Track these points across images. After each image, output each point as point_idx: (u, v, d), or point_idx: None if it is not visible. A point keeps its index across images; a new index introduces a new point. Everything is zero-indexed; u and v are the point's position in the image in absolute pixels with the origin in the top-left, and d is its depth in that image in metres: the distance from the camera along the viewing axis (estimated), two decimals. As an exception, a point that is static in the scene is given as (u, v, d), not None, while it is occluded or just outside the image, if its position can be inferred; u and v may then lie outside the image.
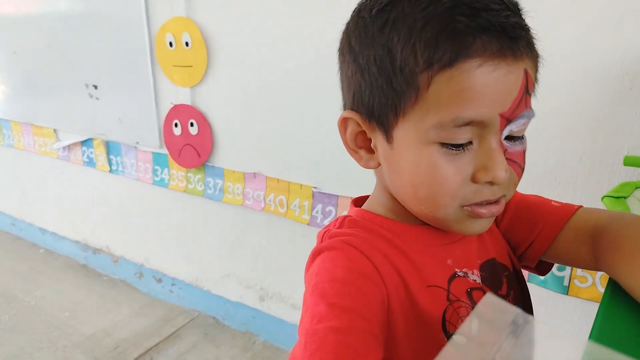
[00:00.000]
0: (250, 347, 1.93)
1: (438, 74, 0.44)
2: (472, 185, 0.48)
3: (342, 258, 0.50)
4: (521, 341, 0.27)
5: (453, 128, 0.45)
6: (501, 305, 0.28)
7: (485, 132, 0.46)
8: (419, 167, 0.48)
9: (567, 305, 1.28)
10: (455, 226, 0.51)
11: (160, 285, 2.24)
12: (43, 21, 2.11)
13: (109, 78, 1.99)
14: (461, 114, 0.44)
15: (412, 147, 0.48)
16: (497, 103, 0.45)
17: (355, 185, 1.53)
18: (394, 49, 0.46)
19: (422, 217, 0.53)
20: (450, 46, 0.44)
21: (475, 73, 0.44)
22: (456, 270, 0.56)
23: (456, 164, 0.47)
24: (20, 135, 2.50)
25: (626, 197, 0.77)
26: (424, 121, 0.46)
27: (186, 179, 1.92)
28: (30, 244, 2.77)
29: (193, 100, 1.78)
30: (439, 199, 0.49)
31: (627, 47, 1.05)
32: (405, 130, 0.48)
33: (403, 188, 0.52)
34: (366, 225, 0.56)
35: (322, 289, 0.47)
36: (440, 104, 0.45)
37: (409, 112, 0.47)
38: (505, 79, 0.45)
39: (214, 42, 1.65)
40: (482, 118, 0.45)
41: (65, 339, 1.97)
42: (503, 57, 0.44)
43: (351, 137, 0.54)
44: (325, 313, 0.44)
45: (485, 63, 0.44)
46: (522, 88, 0.46)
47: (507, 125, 0.47)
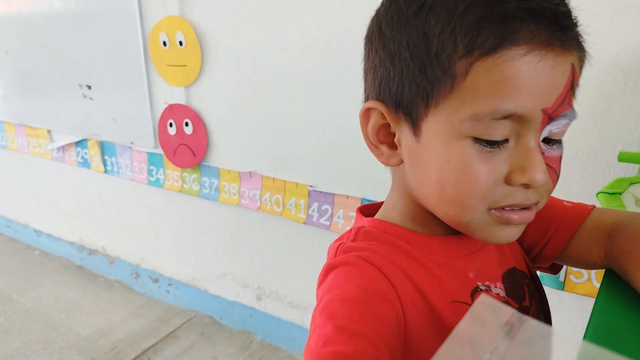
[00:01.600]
0: (247, 346, 1.92)
1: (478, 61, 0.40)
2: (505, 187, 0.44)
3: (357, 275, 0.46)
4: (517, 342, 0.27)
5: (490, 121, 0.41)
6: (496, 305, 0.28)
7: (524, 129, 0.42)
8: (447, 164, 0.44)
9: (563, 301, 1.28)
10: (480, 232, 0.47)
11: (156, 286, 2.23)
12: (36, 21, 2.09)
13: (102, 78, 1.98)
14: (501, 106, 0.41)
15: (442, 141, 0.44)
16: (541, 97, 0.41)
17: (351, 184, 1.53)
18: (430, 33, 0.42)
19: (446, 219, 0.49)
20: (494, 31, 0.40)
21: (520, 62, 0.40)
22: (478, 284, 0.52)
23: (489, 162, 0.43)
24: (14, 136, 2.49)
25: (621, 193, 0.77)
26: (458, 112, 0.42)
27: (182, 178, 1.92)
28: (25, 246, 2.76)
29: (188, 100, 1.77)
30: (466, 200, 0.45)
31: (621, 43, 1.05)
32: (436, 122, 0.44)
33: (427, 187, 0.48)
34: (382, 237, 0.52)
35: (332, 308, 0.44)
36: (477, 94, 0.41)
37: (441, 102, 0.43)
38: (551, 72, 0.41)
39: (208, 41, 1.65)
40: (523, 112, 0.41)
41: (62, 340, 1.96)
42: (551, 47, 0.40)
43: (373, 131, 0.50)
44: (331, 336, 0.41)
45: (531, 52, 0.40)
46: (568, 84, 0.43)
47: (548, 123, 0.43)
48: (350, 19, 1.36)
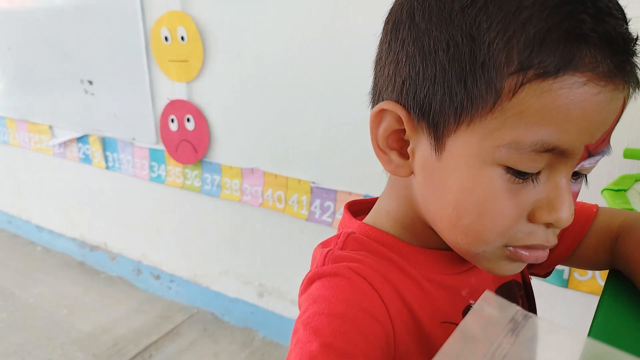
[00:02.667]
0: (249, 342, 1.92)
1: (532, 82, 0.35)
2: (526, 225, 0.40)
3: (347, 289, 0.42)
4: (521, 338, 0.26)
5: (530, 153, 0.36)
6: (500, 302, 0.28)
7: (561, 163, 0.38)
8: (470, 191, 0.39)
9: (567, 299, 1.27)
10: (487, 264, 0.44)
11: (158, 282, 2.23)
12: (37, 16, 2.09)
13: (104, 73, 1.98)
14: (547, 138, 0.36)
15: (469, 165, 0.39)
16: (588, 133, 0.36)
17: (354, 180, 1.52)
18: (479, 38, 0.36)
19: (454, 247, 0.45)
20: (559, 51, 0.34)
21: (577, 92, 0.34)
22: (471, 302, 0.49)
23: (516, 196, 0.38)
24: (16, 132, 2.49)
25: (626, 190, 0.76)
26: (495, 136, 0.37)
27: (183, 175, 1.91)
28: (27, 242, 2.76)
29: (189, 96, 1.76)
30: (484, 234, 0.40)
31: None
32: (466, 141, 0.39)
33: (441, 210, 0.43)
34: (374, 247, 0.47)
35: (318, 323, 0.40)
36: (522, 119, 0.36)
37: (477, 120, 0.37)
38: (606, 107, 0.36)
39: (210, 36, 1.64)
40: (568, 147, 0.36)
41: (64, 336, 1.96)
42: (612, 80, 0.35)
43: (384, 135, 0.44)
44: (316, 355, 0.38)
45: (591, 82, 0.34)
46: (616, 120, 0.38)
47: (586, 159, 0.38)
48: (354, 14, 1.35)
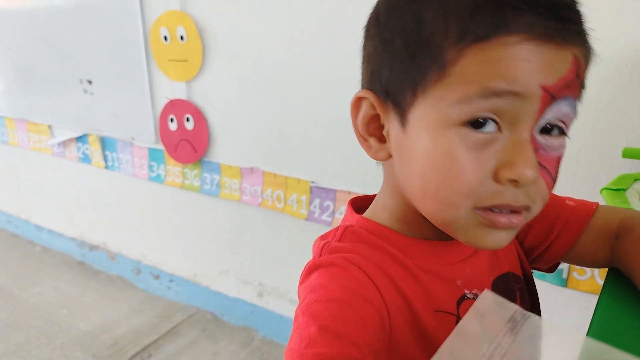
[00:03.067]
0: (249, 342, 1.92)
1: (469, 47, 0.38)
2: (492, 185, 0.41)
3: (343, 277, 0.44)
4: (520, 338, 0.26)
5: (479, 100, 0.38)
6: (499, 301, 0.28)
7: (520, 113, 0.39)
8: (433, 155, 0.41)
9: (566, 298, 1.27)
10: (465, 235, 0.44)
11: (158, 282, 2.23)
12: (36, 16, 2.09)
13: (103, 73, 1.98)
14: (490, 84, 0.38)
15: (428, 131, 0.41)
16: (539, 74, 0.38)
17: (353, 180, 1.52)
18: (423, 19, 0.40)
19: (430, 217, 0.46)
20: (487, 17, 0.38)
21: (514, 47, 0.37)
22: (465, 292, 0.50)
23: (477, 155, 0.40)
24: (15, 131, 2.48)
25: (625, 190, 0.76)
26: (445, 99, 0.40)
27: (182, 174, 1.91)
28: (26, 241, 2.76)
29: (189, 95, 1.76)
30: (450, 195, 0.42)
31: (626, 38, 1.04)
32: (423, 110, 0.42)
33: (412, 180, 0.45)
34: (369, 239, 0.50)
35: (316, 309, 0.42)
36: (466, 79, 0.39)
37: (430, 89, 0.41)
38: (551, 58, 0.38)
39: (209, 35, 1.64)
40: (519, 89, 0.38)
41: (63, 335, 1.96)
42: (550, 39, 0.38)
43: (363, 122, 0.48)
44: (315, 337, 0.40)
45: (527, 41, 0.37)
46: (573, 70, 0.39)
47: (548, 106, 0.39)
48: (353, 13, 1.35)
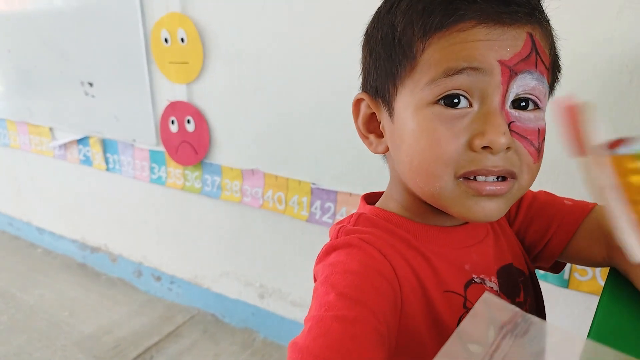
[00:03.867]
0: (250, 344, 1.92)
1: (431, 38, 0.45)
2: (469, 154, 0.44)
3: (359, 254, 0.48)
4: (520, 340, 0.26)
5: (445, 79, 0.44)
6: (499, 304, 0.28)
7: (486, 86, 0.43)
8: (414, 133, 0.47)
9: (568, 299, 1.27)
10: (454, 206, 0.47)
11: (159, 284, 2.23)
12: (37, 18, 2.09)
13: (104, 75, 1.98)
14: (451, 64, 0.43)
15: (409, 114, 0.47)
16: (494, 51, 0.43)
17: (354, 181, 1.52)
18: (395, 24, 0.48)
19: (422, 195, 0.49)
20: (442, 10, 0.44)
21: (468, 31, 0.43)
22: (473, 277, 0.53)
23: (451, 127, 0.44)
24: (16, 134, 2.49)
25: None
26: (418, 84, 0.46)
27: (183, 176, 1.91)
28: (27, 244, 2.76)
29: (189, 97, 1.76)
30: (431, 167, 0.45)
31: (626, 40, 1.04)
32: (403, 98, 0.48)
33: (402, 163, 0.49)
34: (382, 224, 0.53)
35: (335, 279, 0.45)
36: (431, 64, 0.45)
37: (406, 80, 0.47)
38: (502, 36, 0.43)
39: (210, 37, 1.64)
40: (478, 65, 0.43)
41: (65, 338, 1.96)
42: (499, 22, 0.43)
43: (363, 121, 0.55)
44: (334, 302, 0.43)
45: (479, 25, 0.43)
46: (528, 45, 0.44)
47: (511, 80, 0.43)
48: (353, 15, 1.35)
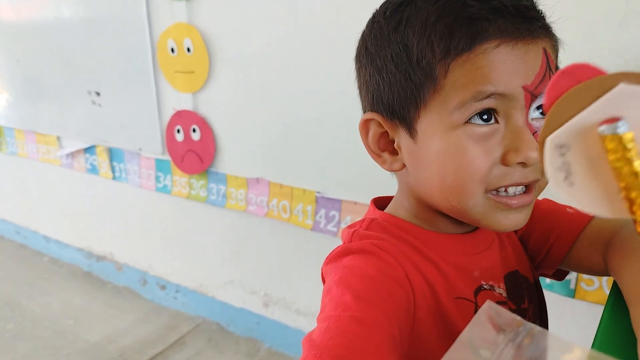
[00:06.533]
0: (254, 353, 1.92)
1: (454, 61, 0.44)
2: (501, 169, 0.46)
3: (376, 260, 0.48)
4: (522, 349, 0.26)
5: (474, 103, 0.44)
6: (501, 312, 0.28)
7: (510, 108, 0.45)
8: (445, 154, 0.47)
9: (574, 309, 1.26)
10: (485, 220, 0.48)
11: (164, 292, 2.24)
12: (45, 28, 2.12)
13: (111, 84, 1.99)
14: (480, 88, 0.44)
15: (437, 136, 0.47)
16: (519, 76, 0.44)
17: (359, 190, 1.52)
18: (409, 44, 0.47)
19: (450, 210, 0.50)
20: (465, 32, 0.44)
21: (493, 53, 0.44)
22: (482, 283, 0.54)
23: (484, 145, 0.45)
24: (24, 143, 2.51)
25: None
26: (445, 107, 0.46)
27: (189, 185, 1.92)
28: (34, 252, 2.77)
29: (195, 106, 1.78)
30: (466, 185, 0.46)
31: (630, 50, 1.04)
32: (428, 121, 0.47)
33: (429, 181, 0.50)
34: (393, 231, 0.54)
35: (351, 282, 0.46)
36: (458, 87, 0.45)
37: (429, 102, 0.47)
38: (524, 56, 0.44)
39: (216, 47, 1.65)
40: (503, 90, 0.44)
41: (70, 346, 1.97)
42: (520, 38, 0.44)
43: (373, 140, 0.54)
44: (350, 304, 0.43)
45: (502, 44, 0.44)
46: (544, 64, 0.45)
47: (532, 101, 0.45)
48: (357, 24, 1.35)
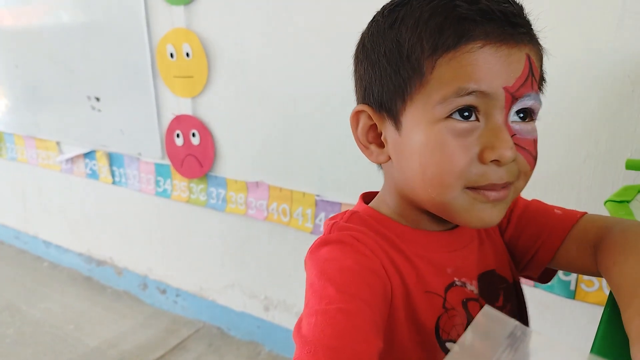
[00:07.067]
0: (255, 357, 1.92)
1: (441, 57, 0.47)
2: (479, 166, 0.48)
3: (352, 252, 0.51)
4: (519, 353, 0.27)
5: (456, 98, 0.46)
6: (499, 317, 0.28)
7: (490, 107, 0.47)
8: (426, 147, 0.49)
9: (574, 310, 1.26)
10: (463, 214, 0.50)
11: (164, 296, 2.23)
12: (44, 34, 2.12)
13: (110, 90, 2.00)
14: (463, 85, 0.46)
15: (420, 129, 0.49)
16: (500, 77, 0.47)
17: (358, 193, 1.52)
18: (402, 40, 0.49)
19: (431, 204, 0.52)
20: (453, 31, 0.46)
21: (477, 53, 0.46)
22: (455, 280, 0.56)
23: (463, 141, 0.47)
24: (24, 148, 2.51)
25: (629, 201, 0.76)
26: (429, 102, 0.48)
27: (189, 189, 1.92)
28: (34, 257, 2.77)
29: (194, 111, 1.78)
30: (445, 178, 0.48)
31: (628, 49, 1.04)
32: (412, 113, 0.50)
33: (411, 173, 0.52)
34: (372, 224, 0.56)
35: (332, 275, 0.48)
36: (443, 83, 0.47)
37: (415, 96, 0.49)
38: (507, 59, 0.47)
39: (215, 52, 1.66)
40: (485, 89, 0.46)
41: (70, 351, 1.96)
42: (504, 42, 0.46)
43: (362, 132, 0.56)
44: (334, 296, 0.46)
45: (486, 45, 0.46)
46: (527, 69, 0.48)
47: (513, 103, 0.47)
48: (355, 28, 1.36)
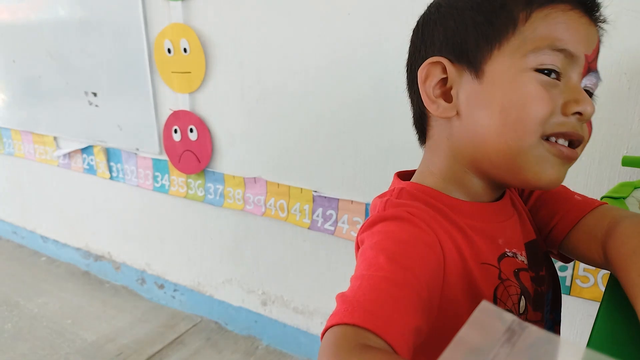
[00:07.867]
0: (253, 351, 1.92)
1: (536, 11, 0.50)
2: (560, 117, 0.50)
3: (409, 227, 0.50)
4: (517, 348, 0.27)
5: (548, 51, 0.49)
6: (497, 312, 0.28)
7: (572, 69, 0.51)
8: (514, 92, 0.50)
9: (570, 306, 1.27)
10: (534, 166, 0.52)
11: (162, 291, 2.24)
12: (42, 29, 2.11)
13: (108, 85, 1.99)
14: (556, 41, 0.49)
15: (508, 76, 0.51)
16: (583, 44, 0.51)
17: (356, 189, 1.53)
18: None
19: (501, 155, 0.52)
20: None
21: (567, 14, 0.50)
22: (506, 250, 0.56)
23: (549, 92, 0.50)
24: (21, 143, 2.50)
25: (625, 198, 0.76)
26: (520, 50, 0.50)
27: (186, 184, 1.92)
28: (31, 252, 2.77)
29: (192, 106, 1.78)
30: (528, 122, 0.50)
31: (624, 46, 1.05)
32: (500, 61, 0.51)
33: (488, 120, 0.52)
34: (423, 198, 0.56)
35: (385, 245, 0.48)
36: (536, 34, 0.50)
37: (504, 45, 0.51)
38: (587, 30, 0.51)
39: (212, 47, 1.65)
40: (573, 50, 0.50)
41: (68, 346, 1.97)
42: (587, 14, 0.51)
43: (431, 85, 0.55)
44: (383, 265, 0.45)
45: (574, 9, 0.50)
46: (598, 46, 0.53)
47: (587, 73, 0.52)
48: (353, 25, 1.36)
